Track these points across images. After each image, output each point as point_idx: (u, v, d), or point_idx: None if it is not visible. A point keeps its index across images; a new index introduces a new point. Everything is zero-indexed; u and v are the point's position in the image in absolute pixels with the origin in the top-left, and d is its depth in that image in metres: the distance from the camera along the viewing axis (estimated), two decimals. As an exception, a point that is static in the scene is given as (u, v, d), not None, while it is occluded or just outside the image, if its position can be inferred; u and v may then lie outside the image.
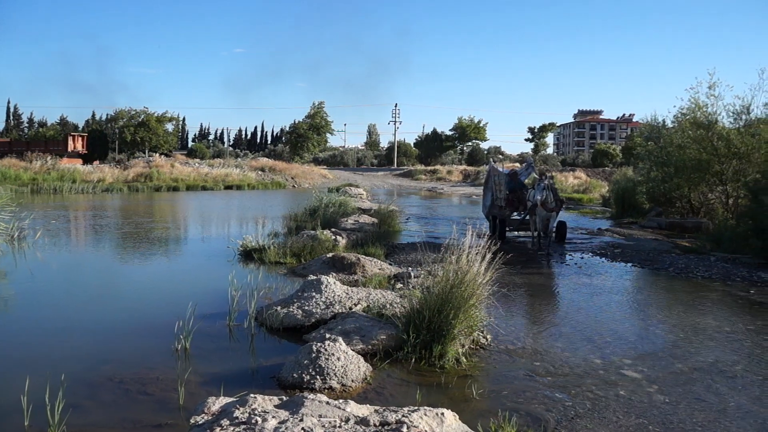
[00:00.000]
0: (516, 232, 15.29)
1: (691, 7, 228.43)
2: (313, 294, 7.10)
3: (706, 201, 18.68)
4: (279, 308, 6.84)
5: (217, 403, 3.88)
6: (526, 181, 15.42)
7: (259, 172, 47.08)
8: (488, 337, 6.34)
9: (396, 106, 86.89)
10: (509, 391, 4.99)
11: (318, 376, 4.90)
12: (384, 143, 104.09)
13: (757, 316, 7.61)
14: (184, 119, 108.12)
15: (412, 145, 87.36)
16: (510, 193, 14.46)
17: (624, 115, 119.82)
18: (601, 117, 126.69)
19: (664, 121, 20.86)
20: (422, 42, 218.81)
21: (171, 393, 4.75)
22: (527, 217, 13.91)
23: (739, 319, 7.44)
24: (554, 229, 13.51)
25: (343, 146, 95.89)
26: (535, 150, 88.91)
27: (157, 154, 55.71)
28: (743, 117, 16.39)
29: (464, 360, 5.58)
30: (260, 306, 7.12)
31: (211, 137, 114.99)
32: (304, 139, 69.15)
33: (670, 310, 7.84)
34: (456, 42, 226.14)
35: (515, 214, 14.73)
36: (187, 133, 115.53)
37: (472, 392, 4.87)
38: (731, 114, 16.69)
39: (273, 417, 3.55)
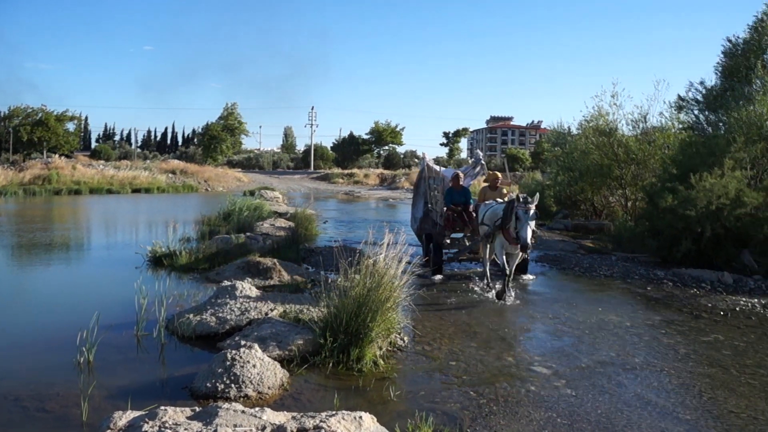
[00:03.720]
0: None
1: (595, 19, 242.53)
2: (228, 300, 6.90)
3: (608, 204, 19.80)
4: (191, 316, 6.59)
5: (124, 418, 3.67)
6: (477, 182, 11.94)
7: (170, 175, 45.31)
8: (405, 339, 6.41)
9: (313, 109, 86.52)
10: (426, 392, 5.06)
11: (233, 385, 4.76)
12: (300, 146, 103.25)
13: (654, 312, 8.15)
14: (86, 118, 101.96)
15: (329, 148, 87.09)
16: (449, 209, 10.34)
17: (533, 121, 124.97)
18: (511, 123, 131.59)
19: (569, 128, 21.92)
20: (340, 45, 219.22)
21: (73, 409, 4.45)
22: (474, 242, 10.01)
23: (638, 315, 7.93)
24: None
25: (259, 149, 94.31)
26: (450, 154, 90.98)
27: (57, 155, 52.24)
28: (641, 125, 17.54)
29: (382, 362, 5.60)
30: (171, 314, 6.82)
31: (117, 138, 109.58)
32: (217, 140, 67.25)
33: (577, 308, 8.23)
34: (373, 46, 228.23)
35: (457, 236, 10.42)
36: (90, 133, 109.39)
37: (390, 394, 4.90)
38: (630, 122, 17.81)
39: (185, 429, 3.40)
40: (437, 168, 12.25)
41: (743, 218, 10.94)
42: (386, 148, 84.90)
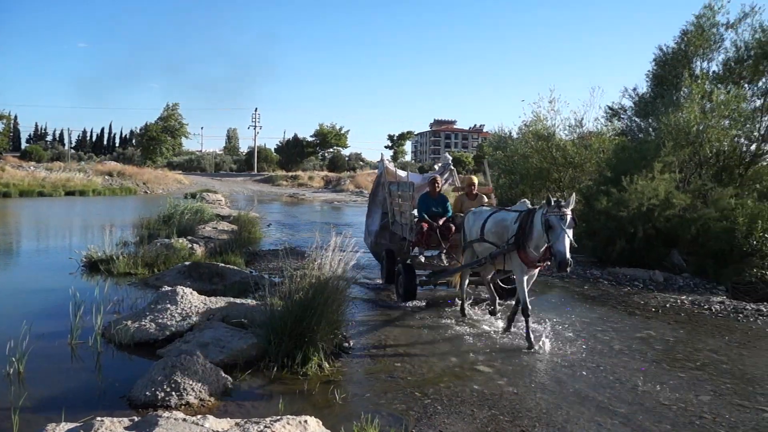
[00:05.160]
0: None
1: (536, 27, 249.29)
2: (168, 305, 6.72)
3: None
4: (129, 322, 6.37)
5: (58, 430, 3.52)
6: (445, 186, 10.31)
7: (107, 177, 43.78)
8: (351, 341, 6.41)
9: (256, 111, 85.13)
10: (372, 394, 5.07)
11: (174, 393, 4.63)
12: (244, 148, 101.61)
13: (590, 310, 8.45)
14: (15, 117, 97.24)
15: (273, 150, 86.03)
16: (422, 219, 8.40)
17: (475, 125, 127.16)
18: (455, 127, 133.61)
19: (510, 132, 22.42)
20: (286, 47, 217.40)
21: (3, 422, 4.23)
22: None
23: (576, 313, 8.19)
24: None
25: (201, 150, 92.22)
26: (395, 157, 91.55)
27: (-16, 156, 49.60)
28: (577, 130, 18.12)
29: (327, 365, 5.58)
30: (108, 321, 6.57)
31: (50, 138, 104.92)
32: (156, 142, 65.45)
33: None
34: (319, 49, 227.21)
35: (427, 253, 8.63)
36: (20, 133, 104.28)
37: (336, 397, 4.88)
38: (567, 127, 18.38)
39: (123, 440, 3.30)
40: (398, 171, 10.51)
41: (672, 219, 11.48)
42: (331, 150, 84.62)
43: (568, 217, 5.91)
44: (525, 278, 6.68)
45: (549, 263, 6.39)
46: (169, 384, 4.67)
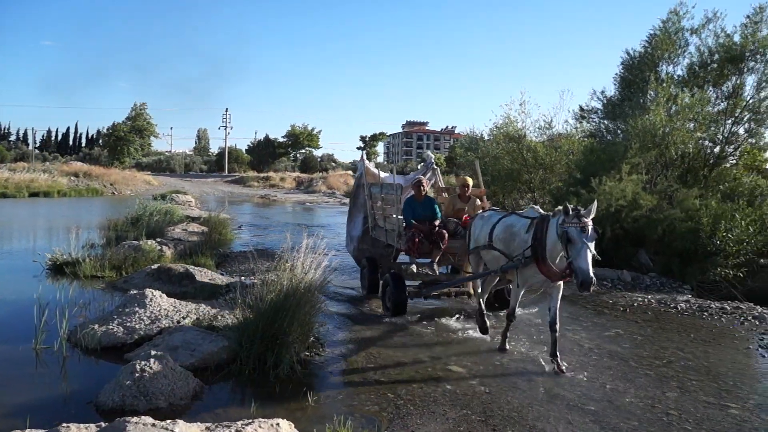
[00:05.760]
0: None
1: (508, 31, 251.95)
2: (137, 309, 6.59)
3: (519, 207, 20.58)
4: (96, 326, 6.24)
5: (20, 438, 3.43)
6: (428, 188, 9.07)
7: (73, 178, 42.78)
8: (323, 343, 6.38)
9: (227, 111, 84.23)
10: (344, 395, 5.06)
11: (142, 397, 4.55)
12: (214, 149, 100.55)
13: (560, 309, 8.52)
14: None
15: (245, 151, 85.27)
16: (411, 226, 7.76)
17: (447, 127, 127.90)
18: (427, 128, 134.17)
19: (482, 133, 22.62)
20: (257, 47, 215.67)
21: (-39, 431, 4.10)
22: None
23: (546, 312, 8.26)
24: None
25: (170, 151, 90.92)
26: (368, 158, 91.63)
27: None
28: (547, 132, 18.36)
29: (299, 368, 5.53)
30: (74, 325, 6.43)
31: (13, 138, 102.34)
32: (124, 142, 64.24)
33: (490, 308, 8.49)
34: (290, 49, 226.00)
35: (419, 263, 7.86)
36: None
37: (308, 399, 4.85)
38: (537, 129, 18.61)
39: (89, 446, 3.22)
40: (380, 173, 9.64)
41: (639, 219, 11.70)
42: (303, 151, 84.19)
43: (590, 229, 5.19)
44: (523, 291, 6.22)
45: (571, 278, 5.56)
46: (138, 389, 4.58)
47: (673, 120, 12.75)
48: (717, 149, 13.75)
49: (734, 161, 14.03)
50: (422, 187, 8.25)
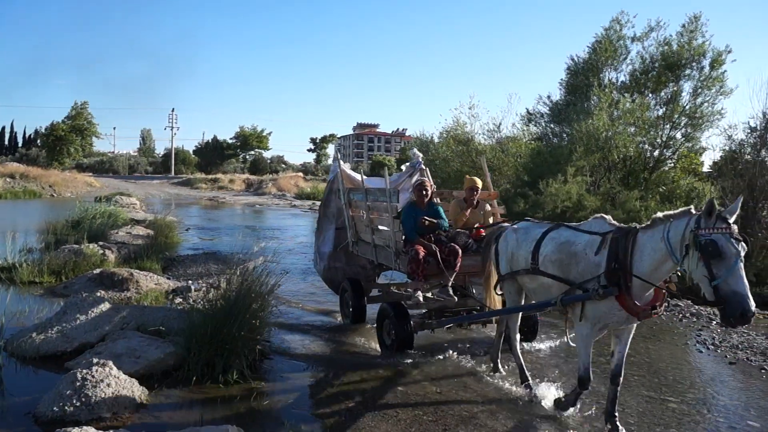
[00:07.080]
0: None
1: (456, 36, 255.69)
2: (77, 315, 6.34)
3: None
4: (34, 334, 5.97)
5: (-50, 454, 3.24)
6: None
7: (8, 179, 40.83)
8: (274, 347, 6.29)
9: (173, 111, 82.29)
10: (296, 399, 5.01)
11: (84, 407, 4.37)
12: (160, 150, 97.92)
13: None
14: None
15: (192, 152, 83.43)
16: (414, 241, 6.26)
17: (398, 129, 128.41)
18: (377, 130, 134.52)
19: (432, 136, 22.85)
20: (206, 46, 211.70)
21: None
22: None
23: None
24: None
25: (113, 152, 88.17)
26: (318, 160, 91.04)
27: None
28: (495, 135, 18.71)
29: (249, 373, 5.43)
30: (10, 333, 6.13)
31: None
32: (64, 142, 61.77)
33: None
34: (239, 50, 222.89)
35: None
36: None
37: (258, 404, 4.78)
38: (486, 132, 18.94)
39: (26, 460, 3.07)
40: (362, 177, 7.80)
41: (584, 220, 12.06)
42: (252, 152, 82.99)
43: (741, 241, 3.58)
44: (597, 337, 4.58)
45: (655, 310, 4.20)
46: (79, 398, 4.40)
47: (615, 124, 13.20)
48: (656, 153, 14.33)
49: (672, 164, 14.64)
50: (424, 193, 6.61)
